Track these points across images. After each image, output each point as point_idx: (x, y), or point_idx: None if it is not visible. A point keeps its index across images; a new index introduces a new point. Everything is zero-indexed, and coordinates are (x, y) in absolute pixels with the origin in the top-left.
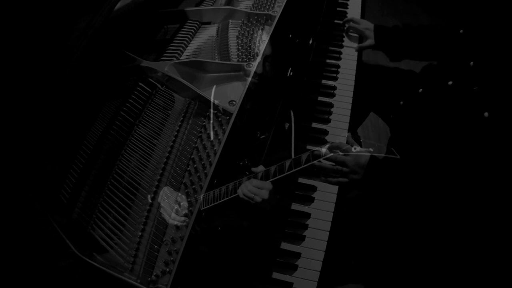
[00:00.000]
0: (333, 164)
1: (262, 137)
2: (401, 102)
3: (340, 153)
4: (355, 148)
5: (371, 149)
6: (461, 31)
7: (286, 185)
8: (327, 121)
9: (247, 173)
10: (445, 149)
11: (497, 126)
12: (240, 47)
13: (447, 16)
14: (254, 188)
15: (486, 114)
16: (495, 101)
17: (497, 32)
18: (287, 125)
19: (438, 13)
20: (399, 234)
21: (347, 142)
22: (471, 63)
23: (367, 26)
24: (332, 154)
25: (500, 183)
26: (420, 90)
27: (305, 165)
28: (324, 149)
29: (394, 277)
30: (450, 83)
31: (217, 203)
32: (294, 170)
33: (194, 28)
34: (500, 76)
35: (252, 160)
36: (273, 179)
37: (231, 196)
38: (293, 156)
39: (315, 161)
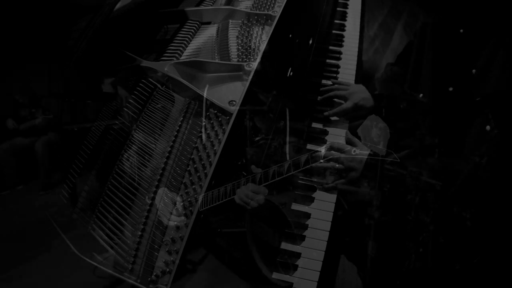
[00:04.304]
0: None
1: (258, 138)
2: (401, 106)
3: (339, 153)
4: (354, 151)
5: (369, 148)
6: (461, 30)
7: (286, 185)
8: (327, 121)
9: (244, 174)
10: (442, 153)
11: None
12: (240, 47)
13: (448, 16)
14: (251, 193)
15: (488, 128)
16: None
17: (497, 31)
18: (282, 123)
19: (439, 13)
20: (399, 233)
21: (347, 140)
22: (473, 71)
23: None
24: (331, 154)
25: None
26: (421, 95)
27: (304, 167)
28: (323, 150)
29: (395, 277)
30: (450, 89)
31: (215, 204)
32: (292, 172)
33: (194, 28)
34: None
35: (252, 160)
36: (271, 181)
37: (229, 198)
38: (287, 154)
39: (314, 164)
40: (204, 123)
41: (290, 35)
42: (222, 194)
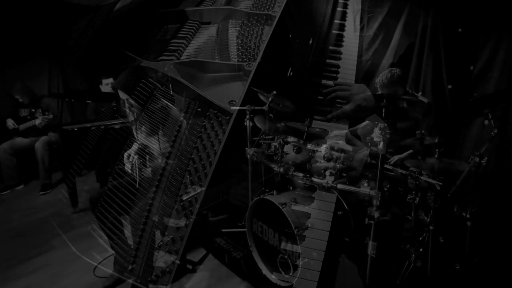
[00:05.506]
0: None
1: (257, 138)
2: (401, 106)
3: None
4: (354, 147)
5: (369, 146)
6: (460, 30)
7: (286, 185)
8: (327, 120)
9: (234, 174)
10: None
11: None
12: (240, 47)
13: (447, 16)
14: (245, 191)
15: (486, 122)
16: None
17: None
18: (282, 123)
19: (438, 13)
20: (399, 233)
21: (346, 139)
22: (471, 67)
23: (357, 91)
24: (331, 154)
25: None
26: (420, 93)
27: (295, 162)
28: (323, 150)
29: (395, 277)
30: (449, 87)
31: (209, 205)
32: (284, 166)
33: (194, 28)
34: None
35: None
36: (263, 178)
37: (222, 198)
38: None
39: (299, 152)
40: (205, 123)
41: (290, 35)
42: (215, 195)
